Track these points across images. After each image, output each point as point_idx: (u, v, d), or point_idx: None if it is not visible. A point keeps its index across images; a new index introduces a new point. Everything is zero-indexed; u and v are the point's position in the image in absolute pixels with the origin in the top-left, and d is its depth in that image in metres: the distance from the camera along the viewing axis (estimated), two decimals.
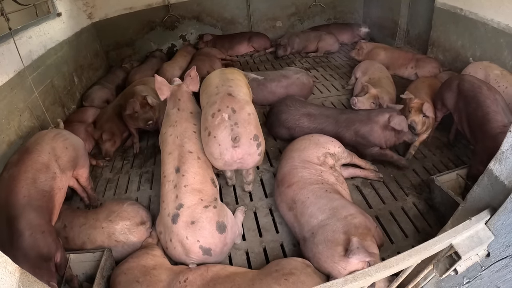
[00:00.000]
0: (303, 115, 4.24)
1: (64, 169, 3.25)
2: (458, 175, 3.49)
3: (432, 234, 3.20)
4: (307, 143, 3.68)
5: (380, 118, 3.95)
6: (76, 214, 3.38)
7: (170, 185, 3.05)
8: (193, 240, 2.81)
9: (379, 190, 3.85)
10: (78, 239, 3.17)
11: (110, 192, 4.22)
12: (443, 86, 4.21)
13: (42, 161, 3.05)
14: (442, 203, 3.31)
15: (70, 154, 3.35)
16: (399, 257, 1.34)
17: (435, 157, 4.24)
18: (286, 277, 2.48)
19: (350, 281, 1.24)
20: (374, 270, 1.28)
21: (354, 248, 2.49)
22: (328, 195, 3.05)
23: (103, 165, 4.66)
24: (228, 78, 3.57)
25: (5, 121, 3.75)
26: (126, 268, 2.79)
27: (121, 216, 3.24)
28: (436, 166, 4.10)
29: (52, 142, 3.26)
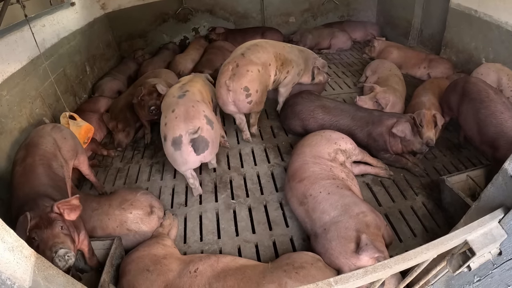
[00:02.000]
0: (318, 107, 4.25)
1: (67, 159, 3.33)
2: (469, 176, 3.47)
3: (440, 234, 3.16)
4: (319, 138, 3.69)
5: (389, 122, 3.95)
6: (89, 198, 3.41)
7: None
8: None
9: (389, 189, 3.85)
10: (89, 223, 3.19)
11: (120, 182, 4.24)
12: (449, 89, 4.20)
13: (50, 151, 3.14)
14: (452, 203, 3.31)
15: (69, 144, 3.43)
16: (417, 250, 1.35)
17: (445, 158, 4.23)
18: (297, 270, 2.50)
19: (370, 272, 1.25)
20: (394, 262, 1.29)
21: (363, 245, 2.52)
22: (339, 191, 3.06)
23: (114, 155, 4.69)
24: (254, 44, 4.37)
25: (17, 108, 3.78)
26: (136, 257, 2.81)
27: (134, 205, 3.27)
28: (446, 167, 4.10)
29: (52, 134, 3.34)
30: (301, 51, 4.87)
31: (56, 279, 1.49)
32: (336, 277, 1.25)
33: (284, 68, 4.48)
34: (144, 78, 5.19)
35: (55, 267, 1.53)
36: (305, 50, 5.02)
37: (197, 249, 3.33)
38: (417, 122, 3.90)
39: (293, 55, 4.65)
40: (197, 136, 3.32)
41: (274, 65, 4.35)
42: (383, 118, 4.03)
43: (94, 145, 4.52)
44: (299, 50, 4.87)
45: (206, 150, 3.44)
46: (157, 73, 5.45)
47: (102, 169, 4.48)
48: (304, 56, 4.87)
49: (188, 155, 3.39)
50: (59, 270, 1.54)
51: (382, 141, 3.98)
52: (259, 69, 4.09)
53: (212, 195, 3.92)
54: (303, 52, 4.94)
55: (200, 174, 4.20)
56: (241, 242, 3.36)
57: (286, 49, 4.61)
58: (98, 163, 4.57)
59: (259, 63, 4.13)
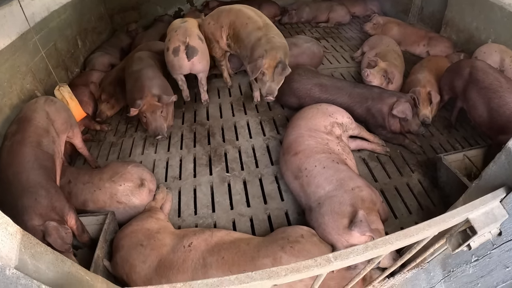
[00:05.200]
0: (315, 85, 4.18)
1: (59, 132, 3.29)
2: (465, 156, 3.46)
3: (435, 213, 3.21)
4: (315, 111, 3.63)
5: (390, 100, 3.90)
6: (81, 171, 3.39)
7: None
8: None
9: (385, 165, 3.83)
10: (80, 196, 3.18)
11: (113, 156, 4.18)
12: (452, 72, 4.14)
13: (42, 126, 3.09)
14: (447, 182, 3.30)
15: (63, 116, 3.39)
16: (419, 226, 1.31)
17: (442, 136, 4.21)
18: (292, 244, 2.47)
19: (371, 247, 1.21)
20: (395, 238, 1.25)
21: (358, 221, 2.50)
22: (335, 165, 3.02)
23: (107, 129, 4.61)
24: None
25: (7, 84, 3.68)
26: (130, 232, 2.78)
27: (124, 177, 3.23)
28: (443, 145, 4.08)
29: (46, 107, 3.29)
30: (267, 42, 3.92)
31: (44, 256, 1.43)
32: (335, 252, 1.21)
33: (236, 43, 4.46)
34: (137, 51, 5.05)
35: (43, 244, 1.47)
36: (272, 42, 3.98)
37: (192, 223, 3.30)
38: (417, 102, 3.86)
39: (250, 37, 4.14)
40: (189, 45, 4.21)
41: (226, 32, 4.59)
42: (384, 96, 3.97)
43: (87, 120, 4.43)
44: (268, 39, 3.95)
45: (195, 56, 4.26)
46: (151, 46, 5.32)
47: (95, 143, 4.40)
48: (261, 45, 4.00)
49: (183, 60, 4.25)
50: (47, 247, 1.48)
51: (381, 118, 3.94)
52: (210, 22, 4.71)
53: (207, 168, 3.88)
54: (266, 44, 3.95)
55: (194, 147, 4.16)
56: (235, 216, 3.34)
57: (251, 27, 4.21)
58: (91, 137, 4.50)
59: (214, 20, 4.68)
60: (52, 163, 2.98)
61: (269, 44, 3.82)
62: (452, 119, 4.30)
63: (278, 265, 2.31)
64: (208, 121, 4.60)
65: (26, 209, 2.50)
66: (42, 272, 1.41)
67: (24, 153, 2.81)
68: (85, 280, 1.63)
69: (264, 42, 3.87)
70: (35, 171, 2.75)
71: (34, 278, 1.29)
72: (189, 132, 4.40)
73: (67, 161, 3.78)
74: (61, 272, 1.49)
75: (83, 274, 1.64)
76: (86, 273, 1.69)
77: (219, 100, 4.99)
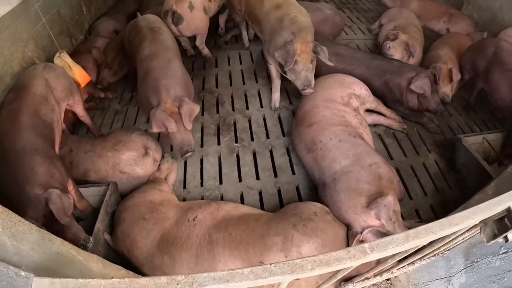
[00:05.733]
0: (332, 54, 3.90)
1: (59, 100, 3.17)
2: (485, 139, 3.31)
3: (451, 196, 3.18)
4: (331, 81, 3.44)
5: (409, 75, 3.69)
6: (83, 140, 3.26)
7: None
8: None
9: (401, 142, 3.68)
10: (82, 166, 3.06)
11: (118, 125, 4.04)
12: (475, 50, 3.97)
13: (40, 94, 2.97)
14: (465, 165, 3.17)
15: (63, 83, 3.26)
16: (464, 214, 1.14)
17: (460, 117, 4.04)
18: (305, 223, 2.31)
19: (412, 237, 1.04)
20: (438, 227, 1.08)
21: (382, 204, 2.34)
22: (351, 139, 2.84)
23: (111, 96, 4.45)
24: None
25: (7, 52, 3.51)
26: (132, 204, 2.65)
27: (128, 146, 3.09)
28: (461, 126, 3.92)
29: (45, 74, 3.15)
30: (292, 22, 3.30)
31: (27, 236, 1.28)
32: (372, 243, 1.04)
33: (255, 24, 3.98)
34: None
35: (26, 222, 1.32)
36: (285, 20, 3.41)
37: (197, 195, 3.17)
38: (437, 79, 3.66)
39: (268, 17, 3.59)
40: (175, 12, 4.00)
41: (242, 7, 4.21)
42: (403, 70, 3.75)
43: (91, 87, 4.28)
44: (291, 19, 3.33)
45: (180, 25, 4.07)
46: (159, 11, 5.08)
47: (99, 112, 4.25)
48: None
49: (170, 25, 4.07)
50: (31, 225, 1.33)
51: (399, 93, 3.73)
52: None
53: (215, 137, 3.71)
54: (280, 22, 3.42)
55: (202, 115, 3.98)
56: (244, 189, 3.20)
57: (268, 5, 3.64)
58: (96, 105, 4.35)
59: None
60: (51, 132, 2.87)
61: (295, 25, 3.21)
62: (471, 100, 4.13)
63: (289, 244, 2.23)
64: (217, 88, 4.40)
65: (26, 179, 2.39)
66: (25, 254, 1.27)
67: (20, 121, 2.70)
68: (77, 260, 1.49)
69: (288, 24, 3.26)
70: (31, 139, 2.64)
71: (13, 262, 1.15)
72: (197, 99, 4.20)
73: (70, 130, 3.68)
74: (49, 253, 1.35)
75: (75, 253, 1.50)
76: (78, 253, 1.55)
77: (229, 67, 4.77)
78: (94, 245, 2.40)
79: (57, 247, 1.41)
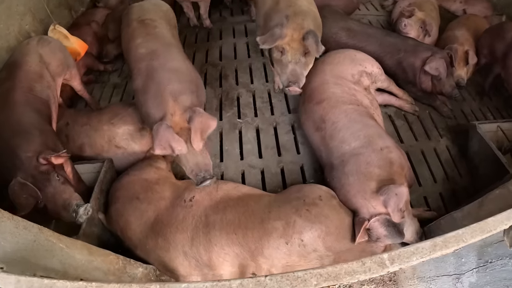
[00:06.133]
0: (342, 29, 3.74)
1: (55, 75, 3.04)
2: (499, 128, 3.15)
3: (461, 185, 3.05)
4: (342, 57, 3.24)
5: (424, 55, 3.48)
6: (80, 113, 3.16)
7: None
8: None
9: (412, 125, 3.53)
10: (77, 139, 2.96)
11: (116, 98, 3.92)
12: (494, 33, 3.76)
13: (34, 71, 2.84)
14: (478, 154, 3.03)
15: (58, 57, 3.12)
16: (497, 218, 0.99)
17: (474, 103, 3.87)
18: (308, 207, 2.17)
19: (440, 247, 0.90)
20: (470, 234, 0.93)
21: (393, 193, 2.17)
22: (363, 119, 2.68)
23: (111, 69, 4.30)
24: None
25: (3, 26, 3.38)
26: (126, 182, 2.53)
27: (125, 119, 2.96)
28: (475, 112, 3.76)
29: (39, 49, 3.01)
30: (288, 5, 2.85)
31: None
32: (392, 253, 0.89)
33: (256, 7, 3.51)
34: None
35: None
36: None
37: None
38: (454, 61, 3.46)
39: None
40: None
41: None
42: (418, 49, 3.55)
43: (90, 60, 4.15)
44: (289, 1, 2.88)
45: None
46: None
47: (98, 85, 4.13)
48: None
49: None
50: (3, 213, 1.20)
51: (412, 73, 3.54)
52: None
53: (217, 113, 3.57)
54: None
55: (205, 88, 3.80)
56: (245, 167, 3.07)
57: None
58: (95, 79, 4.22)
59: None
60: (47, 108, 2.76)
61: (291, 8, 2.74)
62: (486, 85, 3.93)
63: (290, 231, 2.07)
64: (220, 61, 4.21)
65: (19, 145, 2.27)
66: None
67: (14, 98, 2.58)
68: (58, 248, 1.37)
69: (283, 6, 2.79)
70: (27, 113, 2.53)
71: None
72: (200, 73, 3.99)
73: (67, 105, 3.59)
74: (23, 243, 1.23)
75: (55, 241, 1.38)
76: (59, 240, 1.44)
77: (234, 39, 4.57)
78: (88, 225, 2.30)
79: (34, 235, 1.29)
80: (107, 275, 1.78)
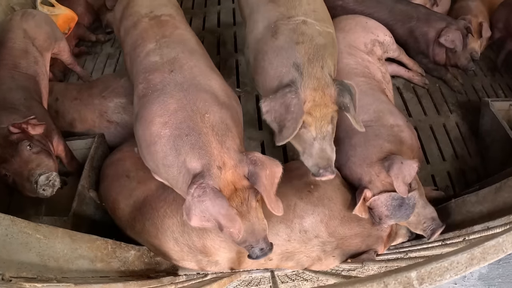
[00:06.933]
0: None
1: (42, 50, 2.94)
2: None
3: (470, 164, 2.97)
4: (353, 24, 3.02)
5: (438, 25, 3.29)
6: (70, 87, 3.08)
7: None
8: None
9: (421, 98, 3.42)
10: (68, 115, 2.89)
11: (110, 69, 3.81)
12: (508, 5, 3.58)
13: (18, 47, 2.78)
14: (490, 132, 2.94)
15: (44, 31, 3.00)
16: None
17: (485, 78, 3.74)
18: (310, 189, 2.03)
19: (478, 260, 0.74)
20: (510, 244, 0.79)
21: (399, 159, 1.97)
22: (374, 93, 2.50)
23: (103, 39, 4.15)
24: None
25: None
26: (117, 159, 2.40)
27: (117, 92, 2.83)
28: (486, 88, 3.63)
29: (22, 25, 2.90)
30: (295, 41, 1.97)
31: None
32: (421, 270, 0.73)
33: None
34: None
35: None
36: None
37: None
38: (470, 32, 3.29)
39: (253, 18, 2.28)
40: None
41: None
42: (432, 18, 3.35)
43: (81, 31, 4.01)
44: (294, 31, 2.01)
45: None
46: None
47: (91, 56, 4.01)
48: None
49: None
50: None
51: (425, 44, 3.36)
52: None
53: None
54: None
55: None
56: (245, 140, 2.89)
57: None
58: (87, 50, 4.08)
59: None
60: (35, 85, 2.68)
61: (301, 47, 1.92)
62: (498, 61, 3.78)
63: (291, 215, 1.91)
64: (218, 28, 4.06)
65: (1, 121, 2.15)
66: None
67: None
68: (35, 239, 1.27)
69: (286, 41, 1.96)
70: (12, 91, 2.45)
71: None
72: None
73: (59, 79, 3.54)
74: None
75: (31, 232, 1.27)
76: (36, 230, 1.32)
77: (233, 5, 4.33)
78: (78, 205, 2.23)
79: (4, 229, 1.18)
80: (94, 262, 1.67)
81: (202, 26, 4.10)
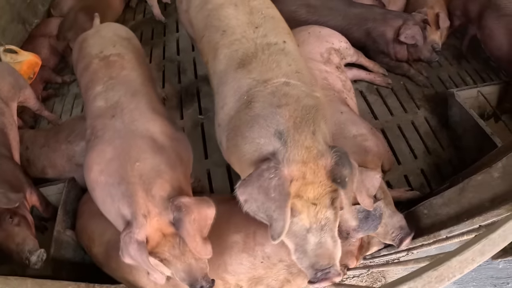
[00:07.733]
0: (301, 6, 3.51)
1: (8, 100, 2.91)
2: (480, 92, 3.07)
3: (444, 157, 2.94)
4: (306, 35, 3.04)
5: (395, 23, 3.34)
6: (38, 134, 3.10)
7: None
8: None
9: (386, 98, 3.39)
10: (38, 162, 2.92)
11: (77, 109, 3.81)
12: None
13: None
14: (460, 123, 2.94)
15: (8, 82, 2.97)
16: None
17: (451, 68, 3.73)
18: None
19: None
20: None
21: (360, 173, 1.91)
22: (334, 105, 2.48)
23: (69, 80, 4.17)
24: None
25: None
26: (89, 197, 2.35)
27: (82, 135, 2.81)
28: (453, 78, 3.62)
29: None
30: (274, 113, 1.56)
31: None
32: None
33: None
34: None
35: None
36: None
37: None
38: (428, 24, 3.33)
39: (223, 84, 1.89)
40: None
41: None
42: (388, 17, 3.39)
43: (47, 74, 4.05)
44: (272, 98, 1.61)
45: None
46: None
47: (59, 98, 4.04)
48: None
49: None
50: None
51: (384, 43, 3.39)
52: None
53: (177, 111, 3.45)
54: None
55: (163, 87, 3.72)
56: (211, 166, 2.98)
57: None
58: (55, 92, 4.14)
59: None
60: (3, 136, 2.65)
61: (282, 112, 1.54)
62: (463, 48, 3.82)
63: (251, 243, 1.91)
64: (178, 56, 4.09)
65: None
66: None
67: None
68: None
69: (263, 108, 1.59)
70: None
71: None
72: (158, 71, 3.94)
73: (30, 125, 3.58)
74: None
75: (2, 285, 1.36)
76: (5, 284, 1.41)
77: None
78: (56, 250, 2.27)
79: None
80: None
81: (162, 55, 4.13)
